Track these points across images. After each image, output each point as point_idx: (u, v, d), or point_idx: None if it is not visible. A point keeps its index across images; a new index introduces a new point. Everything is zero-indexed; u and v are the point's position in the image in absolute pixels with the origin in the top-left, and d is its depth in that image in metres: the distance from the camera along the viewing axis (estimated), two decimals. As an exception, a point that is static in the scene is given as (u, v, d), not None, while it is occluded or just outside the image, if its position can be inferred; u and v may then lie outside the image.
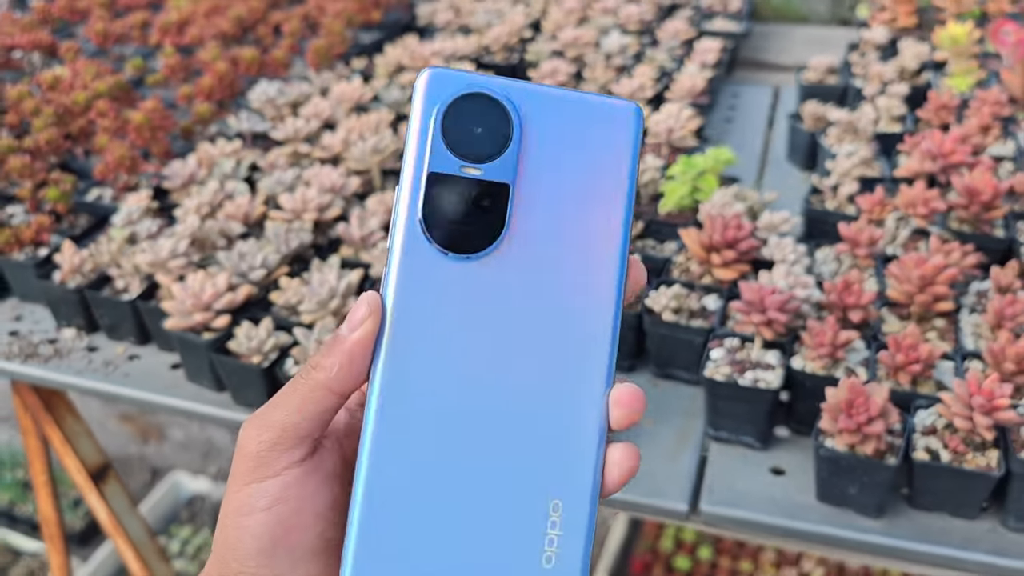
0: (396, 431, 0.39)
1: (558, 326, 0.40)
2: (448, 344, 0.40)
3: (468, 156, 0.40)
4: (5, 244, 1.25)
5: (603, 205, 0.41)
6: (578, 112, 0.41)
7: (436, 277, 0.40)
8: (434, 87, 0.41)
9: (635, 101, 0.42)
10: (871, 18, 1.89)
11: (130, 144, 1.39)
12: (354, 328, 0.39)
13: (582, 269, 0.41)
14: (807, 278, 1.02)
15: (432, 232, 0.40)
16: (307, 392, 0.39)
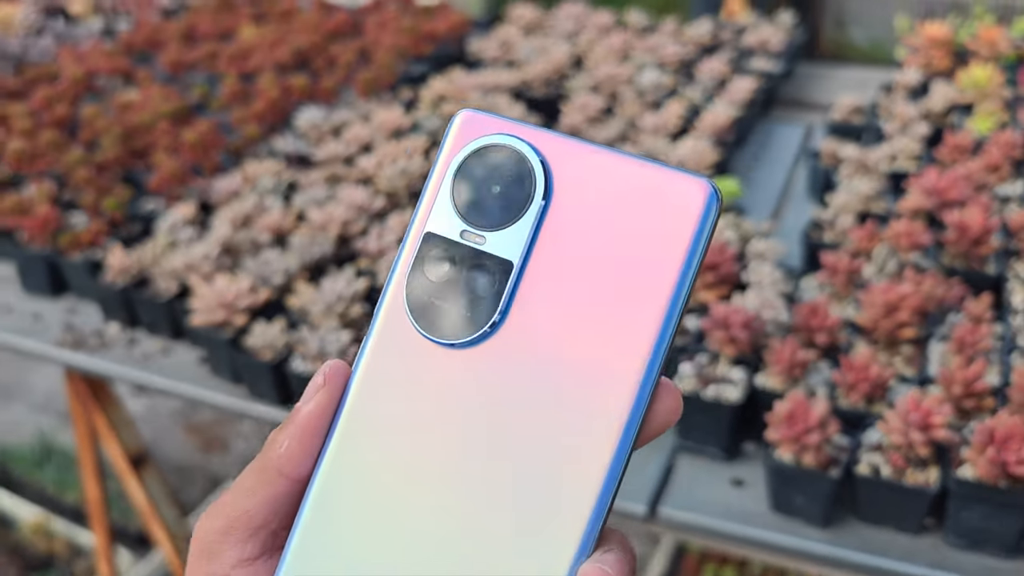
0: (326, 531, 0.33)
1: (536, 457, 0.32)
2: (405, 442, 0.33)
3: (473, 220, 0.34)
4: (66, 246, 1.39)
5: (636, 309, 0.32)
6: (632, 182, 0.33)
7: (411, 359, 0.34)
8: (464, 132, 0.35)
9: (710, 178, 0.33)
10: (906, 60, 1.92)
11: (182, 161, 1.53)
12: (307, 400, 0.34)
13: (588, 389, 0.32)
14: (776, 300, 1.07)
15: (412, 305, 0.34)
16: (258, 473, 0.34)
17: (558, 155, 0.34)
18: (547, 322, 0.33)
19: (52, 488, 2.92)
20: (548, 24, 2.31)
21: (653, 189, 0.32)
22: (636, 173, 0.33)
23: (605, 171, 0.33)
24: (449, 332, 0.33)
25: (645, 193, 0.32)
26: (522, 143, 0.34)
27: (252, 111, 1.69)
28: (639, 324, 0.32)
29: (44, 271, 1.41)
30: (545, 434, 0.32)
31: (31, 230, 1.40)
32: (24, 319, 1.39)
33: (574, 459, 0.32)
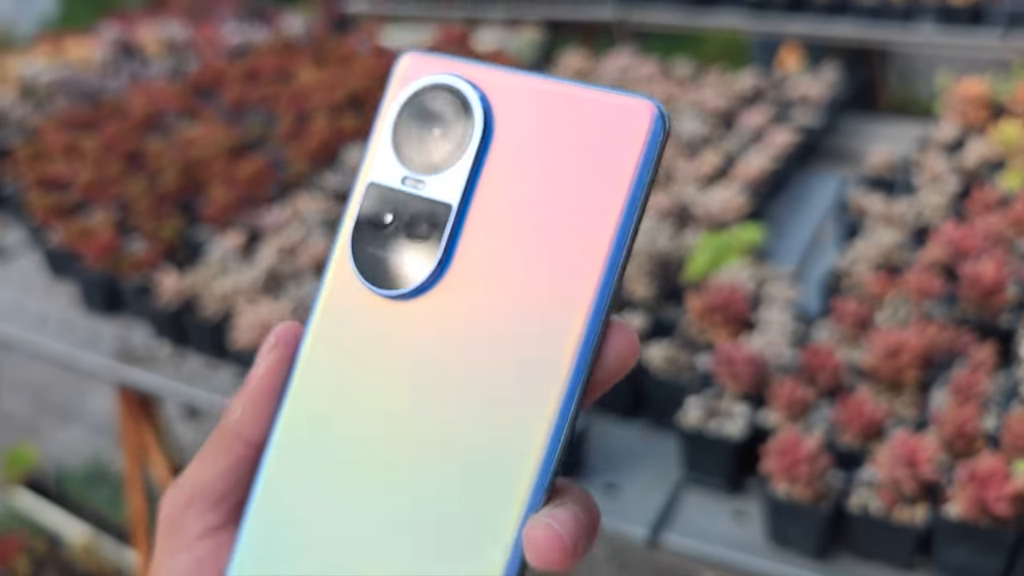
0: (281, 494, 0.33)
1: (485, 407, 0.30)
2: (357, 400, 0.32)
3: (413, 165, 0.32)
4: (125, 268, 1.49)
5: (580, 245, 0.30)
6: (576, 109, 0.31)
7: (360, 314, 0.33)
8: (407, 76, 0.33)
9: (655, 99, 0.30)
10: (944, 116, 1.95)
11: (236, 193, 1.63)
12: (259, 364, 0.34)
13: (533, 332, 0.30)
14: (781, 341, 1.11)
15: (358, 259, 0.33)
16: (217, 441, 0.34)
17: (499, 90, 0.32)
18: (492, 264, 0.31)
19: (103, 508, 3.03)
20: (596, 73, 2.39)
21: (597, 114, 0.31)
22: (579, 100, 0.31)
23: (548, 101, 0.31)
24: (393, 283, 0.32)
25: (589, 119, 0.31)
26: (460, 80, 0.32)
27: (304, 148, 1.79)
28: (586, 257, 0.30)
29: (103, 291, 1.51)
30: (493, 381, 0.30)
31: (94, 253, 1.51)
32: (84, 334, 1.49)
33: (522, 405, 0.30)
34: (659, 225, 1.48)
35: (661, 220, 1.53)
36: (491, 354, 0.31)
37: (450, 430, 0.31)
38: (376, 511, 0.31)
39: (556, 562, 0.29)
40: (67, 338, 1.49)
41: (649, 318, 1.24)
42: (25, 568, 2.45)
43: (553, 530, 0.29)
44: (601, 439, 1.17)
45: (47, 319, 1.55)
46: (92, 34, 2.77)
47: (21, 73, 2.33)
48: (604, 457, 1.15)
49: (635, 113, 0.30)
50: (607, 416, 1.21)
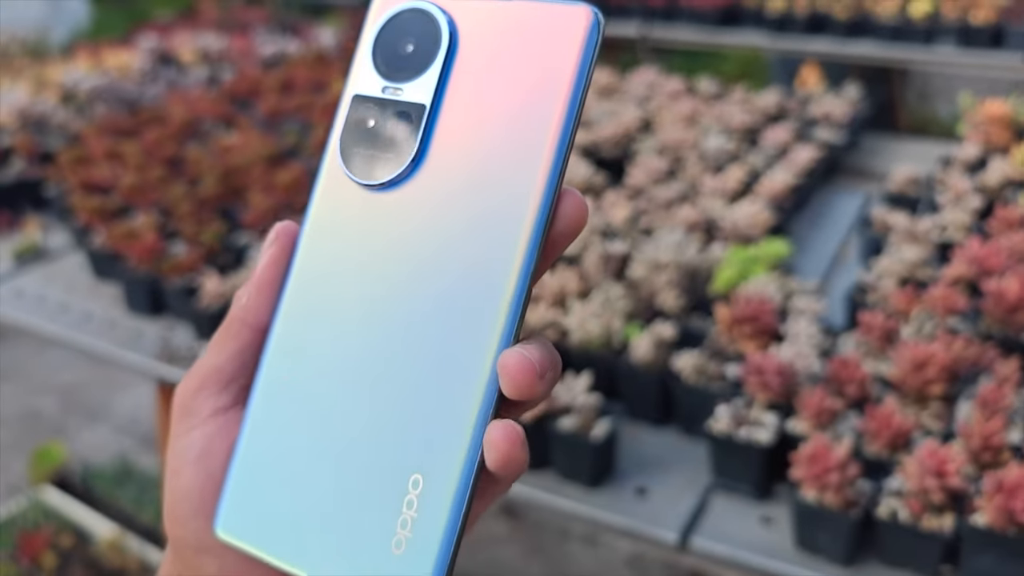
0: (284, 373, 0.37)
1: (459, 272, 0.35)
2: (348, 282, 0.37)
3: (391, 76, 0.37)
4: (167, 271, 1.53)
5: (531, 130, 0.35)
6: (523, 21, 0.36)
7: (347, 206, 0.37)
8: (383, 4, 0.39)
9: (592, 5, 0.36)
10: (968, 136, 1.98)
11: (274, 199, 1.67)
12: (262, 256, 0.38)
13: (496, 204, 0.35)
14: (810, 352, 1.14)
15: (347, 159, 0.37)
16: (225, 328, 0.38)
17: (462, 11, 0.37)
18: (461, 151, 0.36)
19: (129, 507, 3.08)
20: (622, 88, 2.43)
21: (541, 21, 0.36)
22: (526, 11, 0.36)
23: (502, 16, 0.36)
24: (377, 174, 0.37)
25: (535, 26, 0.36)
26: (429, 4, 0.37)
27: (340, 158, 1.84)
28: (540, 137, 0.35)
29: (147, 293, 1.56)
30: (467, 245, 0.35)
31: (137, 255, 1.55)
32: (127, 334, 1.53)
33: (493, 260, 0.35)
34: (687, 239, 1.52)
35: (688, 233, 1.57)
36: (465, 223, 0.35)
37: (430, 290, 0.35)
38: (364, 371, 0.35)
39: (528, 387, 0.33)
40: (110, 337, 1.53)
41: (678, 327, 1.27)
42: (51, 563, 2.49)
43: (523, 356, 0.33)
44: (632, 445, 1.21)
45: (91, 318, 1.59)
46: (129, 43, 2.83)
47: (62, 80, 2.39)
48: (635, 463, 1.18)
49: (575, 15, 0.35)
50: (638, 423, 1.25)
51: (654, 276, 1.37)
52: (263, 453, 0.36)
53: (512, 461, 0.33)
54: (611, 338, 1.26)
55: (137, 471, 3.26)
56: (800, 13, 3.00)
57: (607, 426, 1.13)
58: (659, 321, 1.27)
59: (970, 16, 2.79)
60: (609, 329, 1.25)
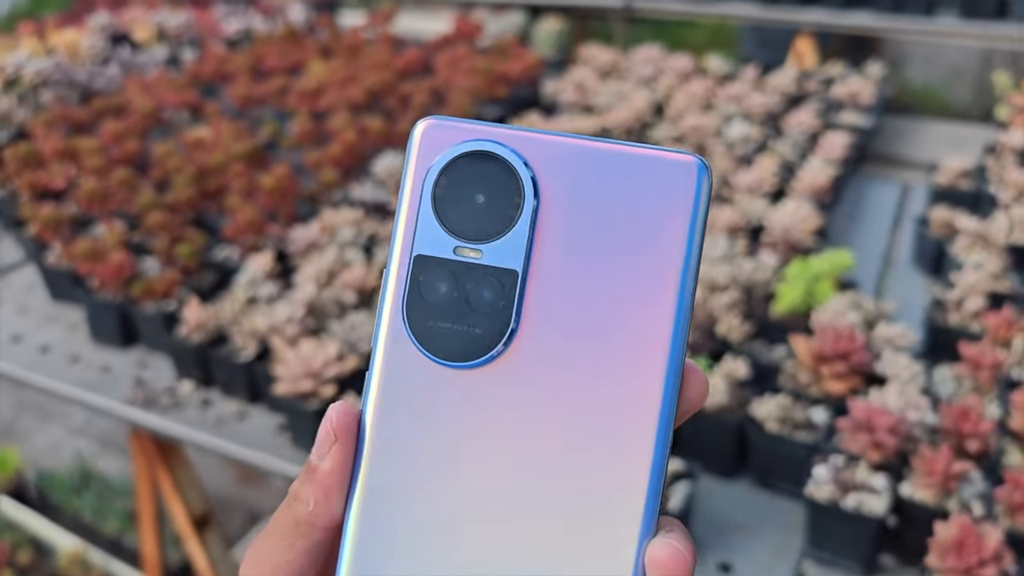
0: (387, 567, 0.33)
1: (580, 456, 0.31)
2: (437, 474, 0.32)
3: (465, 234, 0.32)
4: (140, 295, 1.32)
5: (649, 296, 0.31)
6: (620, 170, 0.32)
7: (423, 387, 0.32)
8: (431, 143, 0.32)
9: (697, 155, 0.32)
10: (1011, 120, 1.83)
11: (260, 207, 1.46)
12: (322, 456, 0.33)
13: (615, 384, 0.32)
14: (921, 399, 0.98)
15: (417, 332, 0.32)
16: (292, 527, 0.35)
17: (537, 153, 0.32)
18: (561, 325, 0.32)
19: (90, 516, 2.86)
20: (624, 67, 2.24)
21: (645, 172, 0.32)
22: (621, 159, 0.32)
23: (589, 162, 0.32)
24: (464, 353, 0.32)
25: (634, 178, 0.32)
26: (499, 146, 0.32)
27: (328, 155, 1.63)
28: (658, 309, 0.31)
29: (114, 320, 1.34)
30: (584, 434, 0.31)
31: (103, 277, 1.34)
32: (92, 371, 1.32)
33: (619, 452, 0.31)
34: (731, 245, 1.34)
35: (731, 238, 1.39)
36: (578, 408, 0.31)
37: (552, 485, 0.31)
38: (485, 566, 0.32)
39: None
40: (72, 374, 1.32)
41: (747, 362, 1.10)
42: (9, 580, 2.28)
43: (675, 548, 0.30)
44: (706, 503, 1.03)
45: (48, 350, 1.38)
46: (76, 20, 2.56)
47: (1, 63, 2.13)
48: (712, 527, 1.01)
49: (681, 168, 0.31)
50: (708, 472, 1.07)
51: (711, 298, 1.20)
52: None
53: None
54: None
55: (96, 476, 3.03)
56: (794, -18, 2.83)
57: (685, 490, 0.96)
58: (729, 356, 1.10)
59: (975, -15, 2.64)
60: (671, 367, 1.07)
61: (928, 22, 2.70)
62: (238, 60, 2.22)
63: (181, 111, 1.95)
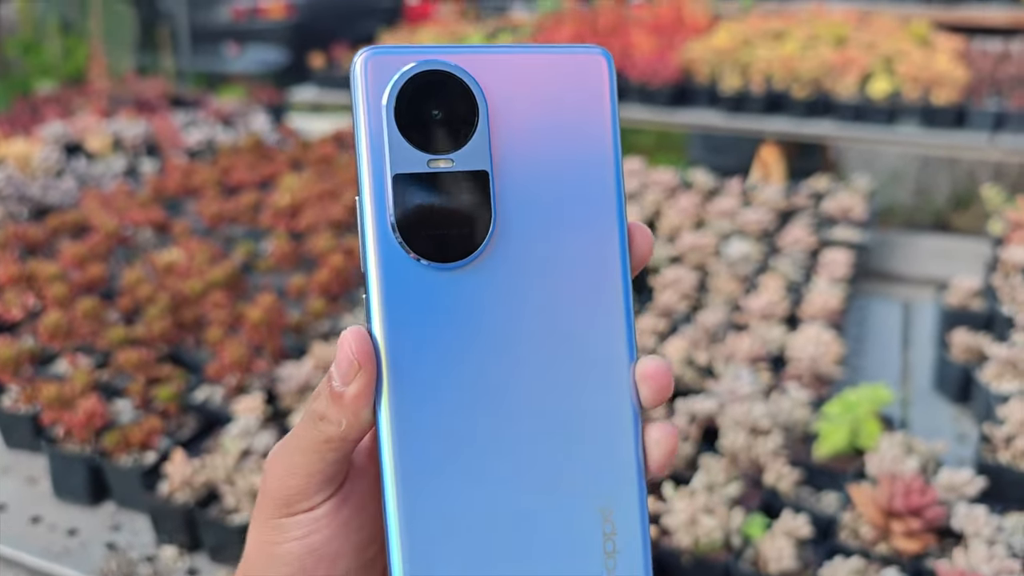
0: (422, 472, 0.35)
1: (568, 314, 0.37)
2: (457, 362, 0.36)
3: (434, 148, 0.35)
4: (113, 446, 1.17)
5: (590, 170, 0.37)
6: (544, 70, 0.37)
7: (426, 292, 0.35)
8: (376, 73, 0.35)
9: (599, 47, 0.37)
10: (1007, 236, 1.81)
11: (245, 342, 1.33)
12: (348, 381, 0.35)
13: (581, 246, 0.37)
14: (1012, 563, 0.89)
15: (411, 244, 0.35)
16: (322, 444, 0.37)
17: (475, 65, 0.35)
18: (529, 211, 0.36)
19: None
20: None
21: (562, 69, 0.37)
22: (546, 60, 0.37)
23: (518, 67, 0.36)
24: (456, 253, 0.35)
25: (559, 74, 0.36)
26: (445, 64, 0.35)
27: (314, 281, 1.52)
28: (600, 180, 0.37)
29: (83, 474, 1.19)
30: (566, 295, 0.37)
31: (71, 426, 1.19)
32: (56, 534, 1.16)
33: (596, 301, 0.37)
34: (755, 378, 1.26)
35: (752, 369, 1.31)
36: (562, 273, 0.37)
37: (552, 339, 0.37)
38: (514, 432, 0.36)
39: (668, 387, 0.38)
40: (33, 538, 1.16)
41: (805, 516, 1.00)
42: None
43: (658, 360, 0.38)
44: None
45: (3, 508, 1.21)
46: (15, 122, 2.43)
47: (-53, 177, 1.98)
48: None
49: (593, 60, 0.37)
50: (772, 651, 0.96)
51: (755, 444, 1.10)
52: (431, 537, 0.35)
53: (674, 452, 0.38)
54: (729, 538, 0.98)
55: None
56: (757, 92, 2.87)
57: None
58: (787, 512, 1.00)
59: (932, 96, 2.70)
60: (727, 527, 0.97)
61: (889, 131, 2.75)
62: (204, 173, 2.11)
63: (146, 229, 1.83)
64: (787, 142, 3.04)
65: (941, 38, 3.31)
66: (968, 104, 2.69)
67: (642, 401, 0.37)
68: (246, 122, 2.64)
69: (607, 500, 0.37)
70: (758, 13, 3.90)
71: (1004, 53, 3.17)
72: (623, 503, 0.37)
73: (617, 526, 0.37)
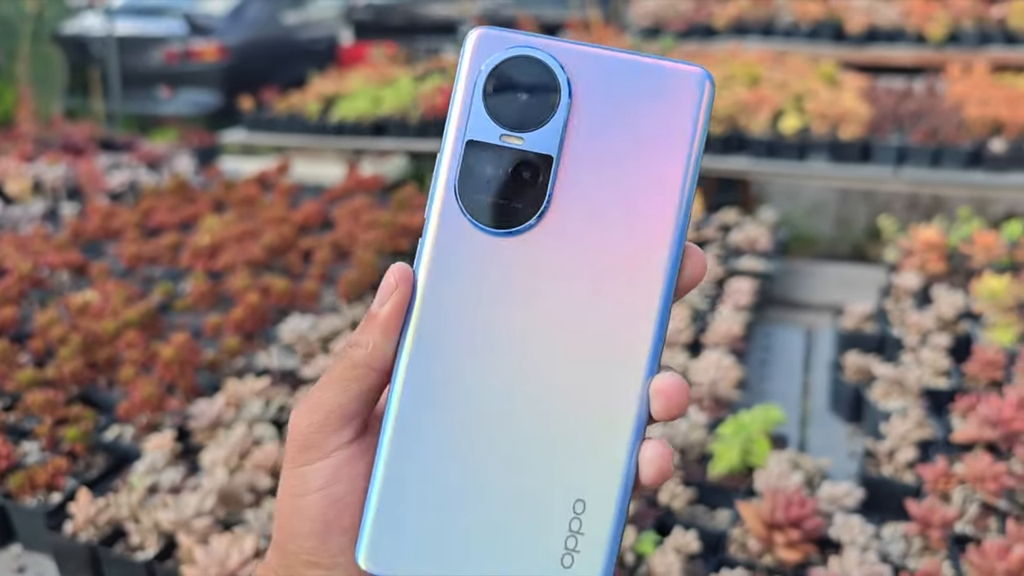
0: (420, 410, 0.37)
1: (599, 309, 0.37)
2: (479, 322, 0.37)
3: (509, 124, 0.37)
4: (17, 488, 1.18)
5: (659, 183, 0.37)
6: (639, 77, 0.37)
7: (470, 252, 0.37)
8: (482, 49, 0.38)
9: (703, 67, 0.38)
10: (900, 263, 1.90)
11: (157, 380, 1.35)
12: (383, 302, 0.38)
13: (630, 251, 0.37)
14: (882, 568, 0.94)
15: (467, 205, 0.37)
16: (348, 371, 0.38)
17: (573, 58, 0.37)
18: (586, 203, 0.37)
19: None
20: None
21: (660, 79, 0.37)
22: (644, 66, 0.37)
23: (617, 68, 0.37)
24: (505, 222, 0.37)
25: (654, 83, 0.37)
26: (541, 52, 0.37)
27: (230, 319, 1.54)
28: (667, 193, 0.37)
29: (-13, 517, 1.19)
30: (603, 290, 0.37)
31: (-24, 469, 1.19)
32: (-40, 579, 1.15)
33: (632, 305, 0.37)
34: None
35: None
36: (603, 268, 0.37)
37: (574, 327, 0.37)
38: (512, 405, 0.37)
39: (681, 406, 0.37)
40: (-64, 583, 1.15)
41: (694, 532, 1.05)
42: None
43: (675, 377, 0.37)
44: None
45: (-94, 555, 1.20)
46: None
47: None
48: None
49: (691, 76, 0.37)
50: (664, 662, 1.00)
51: (650, 464, 1.15)
52: (407, 488, 0.37)
53: (666, 475, 0.37)
54: (622, 556, 1.02)
55: None
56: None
57: None
58: (678, 529, 1.04)
59: (839, 131, 2.82)
60: (619, 544, 1.01)
61: (801, 166, 2.86)
62: (125, 215, 2.12)
63: (63, 272, 1.83)
64: (706, 177, 3.14)
65: (848, 77, 3.46)
66: (873, 139, 2.81)
67: (652, 414, 0.37)
68: (171, 165, 2.65)
69: (583, 496, 0.37)
70: (678, 53, 4.03)
71: (907, 91, 3.32)
72: (599, 504, 0.37)
73: (585, 525, 0.37)
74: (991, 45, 4.08)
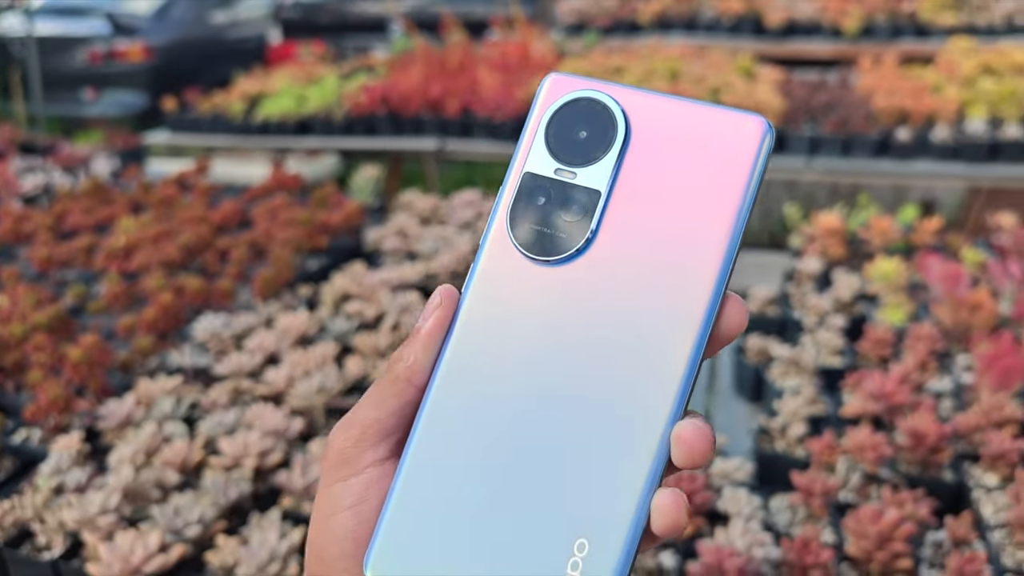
0: (445, 428, 0.38)
1: (631, 348, 0.37)
2: (511, 347, 0.38)
3: (565, 159, 0.40)
4: (-80, 493, 1.17)
5: (707, 228, 0.38)
6: (699, 123, 0.39)
7: (512, 278, 0.39)
8: (552, 91, 0.41)
9: (764, 116, 0.39)
10: (803, 249, 1.97)
11: (66, 382, 1.35)
12: (427, 318, 0.39)
13: (668, 293, 0.38)
14: (764, 535, 1.00)
15: (516, 232, 0.39)
16: (387, 386, 0.39)
17: (633, 104, 0.39)
18: (631, 241, 0.38)
19: None
20: (444, 212, 2.28)
21: (718, 126, 0.38)
22: (702, 113, 0.39)
23: (673, 114, 0.39)
24: (549, 251, 0.39)
25: (712, 130, 0.38)
26: (603, 95, 0.40)
27: (142, 319, 1.54)
28: (712, 239, 0.37)
29: None
30: (638, 329, 0.37)
31: None
32: None
33: (665, 346, 0.37)
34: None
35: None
36: (638, 306, 0.37)
37: (602, 363, 0.37)
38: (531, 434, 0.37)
39: (703, 455, 0.36)
40: None
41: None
42: None
43: (698, 425, 0.36)
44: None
45: None
46: None
47: None
48: None
49: (750, 125, 0.38)
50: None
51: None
52: (420, 504, 0.37)
53: (679, 526, 0.36)
54: None
55: None
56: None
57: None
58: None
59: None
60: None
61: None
62: (37, 218, 2.10)
63: (-28, 278, 1.80)
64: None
65: (765, 70, 3.55)
66: (786, 130, 2.90)
67: (674, 461, 0.37)
68: (87, 167, 2.62)
69: (586, 537, 0.36)
70: (602, 50, 4.10)
71: (819, 83, 3.42)
72: (601, 547, 0.36)
73: (585, 566, 0.36)
74: (902, 38, 4.22)
